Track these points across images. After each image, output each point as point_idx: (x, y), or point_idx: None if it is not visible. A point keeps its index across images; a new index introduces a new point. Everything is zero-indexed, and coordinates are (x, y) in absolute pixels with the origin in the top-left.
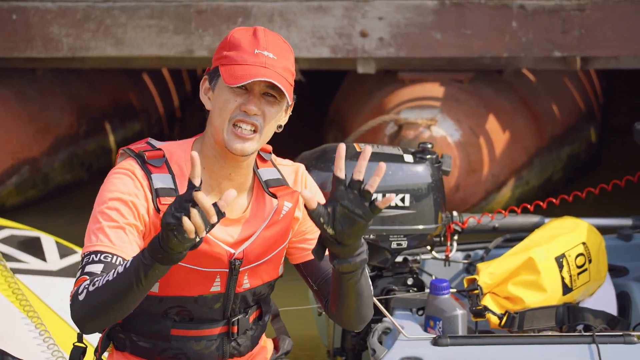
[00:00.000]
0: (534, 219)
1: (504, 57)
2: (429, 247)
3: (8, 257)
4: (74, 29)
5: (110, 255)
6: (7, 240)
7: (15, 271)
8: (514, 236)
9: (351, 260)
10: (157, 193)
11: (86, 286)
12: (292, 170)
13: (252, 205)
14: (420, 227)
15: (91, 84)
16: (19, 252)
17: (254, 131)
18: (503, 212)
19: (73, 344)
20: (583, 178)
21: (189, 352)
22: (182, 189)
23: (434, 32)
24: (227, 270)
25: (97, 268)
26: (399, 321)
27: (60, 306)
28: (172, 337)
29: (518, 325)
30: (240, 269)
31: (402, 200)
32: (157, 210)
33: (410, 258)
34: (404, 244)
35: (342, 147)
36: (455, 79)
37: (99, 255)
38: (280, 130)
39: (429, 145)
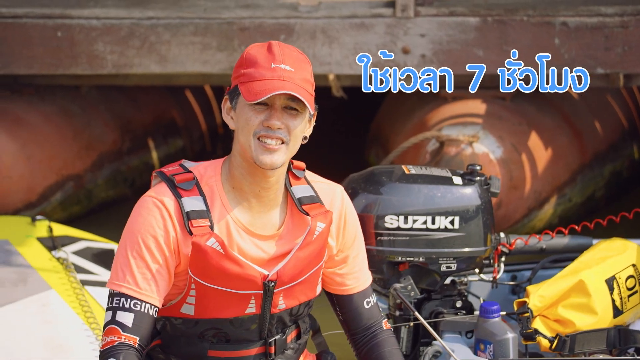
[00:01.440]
0: (582, 240)
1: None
2: (477, 270)
3: (80, 269)
4: (118, 46)
5: (139, 303)
6: (82, 252)
7: (85, 283)
8: (560, 257)
9: None
10: (188, 216)
11: None
12: (329, 190)
13: (287, 223)
14: (469, 249)
15: (134, 100)
16: (91, 264)
17: (282, 142)
18: (550, 233)
19: None
20: (626, 195)
21: None
22: (213, 209)
23: (476, 49)
24: (262, 292)
25: (128, 319)
26: (449, 344)
27: None
28: (209, 358)
29: (569, 348)
30: (275, 290)
31: (452, 222)
32: (190, 232)
33: (458, 280)
34: (453, 266)
35: None
36: (497, 96)
37: (129, 301)
38: (306, 141)
39: (478, 167)
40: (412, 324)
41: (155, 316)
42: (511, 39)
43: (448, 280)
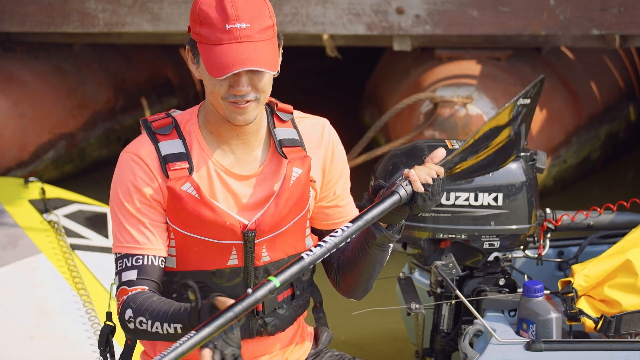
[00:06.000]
0: (631, 216)
1: (541, 35)
2: (521, 247)
3: (71, 233)
4: (110, 5)
5: (141, 257)
6: (73, 216)
7: (75, 247)
8: (609, 233)
9: (400, 230)
10: (165, 160)
11: (132, 316)
12: (314, 125)
13: (267, 164)
14: (513, 227)
15: (128, 59)
16: (83, 228)
17: (252, 100)
18: (598, 209)
19: (104, 322)
20: (621, 158)
21: None
22: (193, 152)
23: (471, 10)
24: (242, 242)
25: (132, 275)
26: (491, 323)
27: None
28: None
29: (615, 329)
30: (256, 241)
31: (495, 199)
32: (166, 176)
33: (501, 256)
34: (496, 244)
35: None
36: (492, 57)
37: (130, 259)
38: (277, 74)
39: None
40: (453, 302)
41: (163, 265)
42: (506, 0)
43: (491, 257)
